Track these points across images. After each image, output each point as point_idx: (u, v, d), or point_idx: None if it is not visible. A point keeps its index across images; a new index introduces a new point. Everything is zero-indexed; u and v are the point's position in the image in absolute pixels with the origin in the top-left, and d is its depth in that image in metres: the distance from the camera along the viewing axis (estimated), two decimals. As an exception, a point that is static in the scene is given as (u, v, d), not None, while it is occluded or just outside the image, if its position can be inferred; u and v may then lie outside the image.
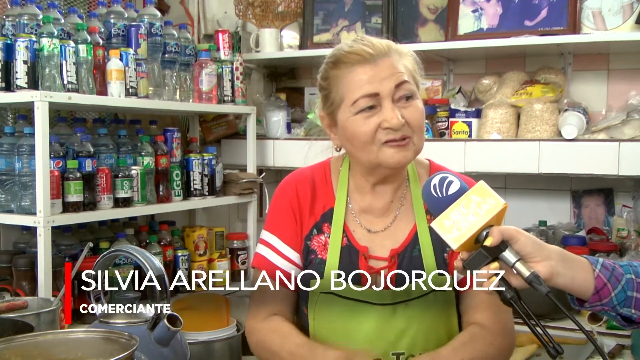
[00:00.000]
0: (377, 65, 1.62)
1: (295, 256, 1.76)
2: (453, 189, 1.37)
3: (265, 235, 1.79)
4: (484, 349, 1.63)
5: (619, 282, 1.44)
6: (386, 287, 1.67)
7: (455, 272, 1.69)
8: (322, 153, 1.89)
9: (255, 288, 1.77)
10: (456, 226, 1.33)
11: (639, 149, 2.63)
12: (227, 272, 3.13)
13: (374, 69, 1.62)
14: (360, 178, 1.76)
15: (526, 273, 1.31)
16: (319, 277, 1.70)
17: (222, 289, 3.05)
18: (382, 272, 1.69)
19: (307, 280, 1.72)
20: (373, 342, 1.65)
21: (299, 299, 1.76)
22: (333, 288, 1.67)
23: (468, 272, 1.35)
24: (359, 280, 1.68)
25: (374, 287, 1.68)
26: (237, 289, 3.12)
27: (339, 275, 1.68)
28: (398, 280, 1.67)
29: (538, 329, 1.32)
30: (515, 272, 1.33)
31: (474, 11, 3.04)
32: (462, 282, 1.70)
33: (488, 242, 1.31)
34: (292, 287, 1.73)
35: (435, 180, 1.39)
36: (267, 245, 1.78)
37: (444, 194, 1.37)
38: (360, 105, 1.62)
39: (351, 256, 1.71)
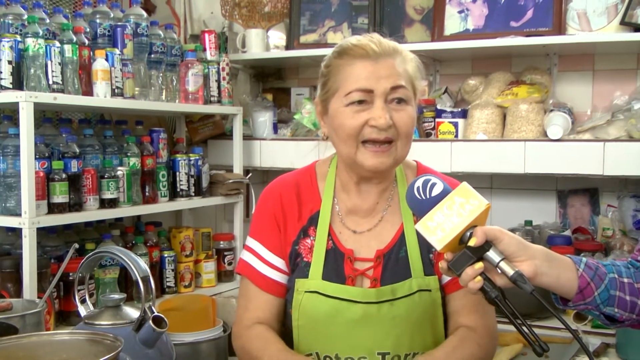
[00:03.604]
0: (377, 63, 1.63)
1: (279, 262, 1.77)
2: (436, 191, 1.37)
3: (250, 242, 1.81)
4: (472, 352, 1.66)
5: (602, 282, 1.45)
6: (372, 286, 1.68)
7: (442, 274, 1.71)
8: (309, 154, 1.89)
9: (241, 294, 1.81)
10: (440, 227, 1.33)
11: (623, 149, 2.64)
12: (214, 273, 3.13)
13: (375, 66, 1.63)
14: (345, 175, 1.76)
15: (510, 272, 1.32)
16: (304, 279, 1.70)
17: (208, 289, 3.07)
18: (368, 273, 1.70)
19: (292, 281, 1.73)
20: (358, 340, 1.66)
21: (285, 302, 1.77)
22: (317, 288, 1.68)
23: (452, 272, 1.36)
24: (343, 280, 1.69)
25: (359, 287, 1.68)
26: (224, 289, 3.13)
27: (323, 276, 1.69)
28: (384, 281, 1.68)
29: (524, 327, 1.32)
30: (499, 271, 1.34)
31: (460, 12, 3.05)
32: (447, 286, 1.71)
33: (472, 243, 1.32)
34: (277, 292, 1.76)
35: (419, 183, 1.40)
36: (251, 252, 1.79)
37: (428, 196, 1.37)
38: (353, 97, 1.63)
39: (336, 259, 1.71)
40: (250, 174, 3.30)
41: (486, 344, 1.69)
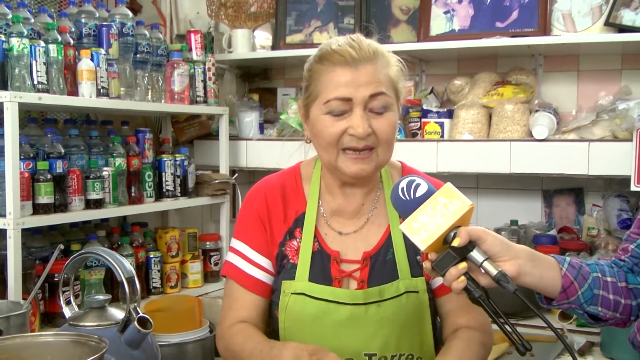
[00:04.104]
0: (357, 70, 1.60)
1: (266, 263, 1.75)
2: (420, 192, 1.38)
3: (235, 243, 1.79)
4: (479, 352, 1.66)
5: (586, 281, 1.46)
6: (359, 288, 1.68)
7: (431, 278, 1.71)
8: (295, 154, 1.88)
9: (226, 296, 1.79)
10: (424, 228, 1.34)
11: (608, 149, 2.66)
12: (200, 274, 3.13)
13: (354, 73, 1.60)
14: (329, 177, 1.75)
15: (494, 272, 1.32)
16: (291, 280, 1.70)
17: (194, 290, 3.06)
18: (355, 275, 1.69)
19: (279, 283, 1.72)
20: (344, 342, 1.65)
21: (271, 304, 1.76)
22: (304, 290, 1.68)
23: (436, 272, 1.36)
24: (330, 282, 1.68)
25: (345, 288, 1.68)
26: (210, 290, 3.13)
27: (310, 278, 1.69)
28: (371, 282, 1.68)
29: (507, 326, 1.33)
30: (483, 271, 1.34)
31: (445, 12, 3.06)
32: (440, 289, 1.71)
33: (456, 243, 1.33)
34: (262, 293, 1.75)
35: (403, 184, 1.40)
36: (236, 254, 1.77)
37: (412, 197, 1.38)
38: (332, 106, 1.61)
39: (323, 260, 1.71)
40: (236, 174, 3.30)
41: (488, 342, 1.71)
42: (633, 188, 2.58)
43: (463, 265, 1.34)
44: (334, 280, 1.68)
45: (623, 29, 2.71)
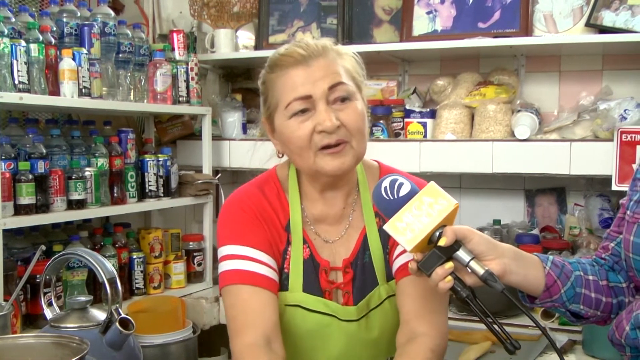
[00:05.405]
0: (310, 67, 1.57)
1: (273, 263, 1.64)
2: (404, 191, 1.37)
3: (233, 249, 1.63)
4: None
5: (568, 279, 1.47)
6: (345, 298, 1.66)
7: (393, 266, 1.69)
8: (273, 157, 1.83)
9: (232, 306, 1.61)
10: (409, 228, 1.33)
11: (589, 148, 2.68)
12: (183, 274, 3.12)
13: (307, 70, 1.57)
14: (308, 185, 1.70)
15: (480, 271, 1.33)
16: (284, 291, 1.65)
17: (177, 290, 3.05)
18: (341, 285, 1.67)
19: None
20: (338, 352, 1.65)
21: None
22: (299, 301, 1.64)
23: (422, 273, 1.36)
24: (322, 293, 1.65)
25: (336, 302, 1.66)
26: (193, 290, 3.12)
27: (304, 288, 1.65)
28: (355, 291, 1.66)
29: (495, 326, 1.33)
30: (469, 270, 1.34)
31: (428, 13, 3.07)
32: (398, 273, 1.64)
33: (442, 242, 1.32)
34: (275, 290, 1.63)
35: (386, 183, 1.39)
36: (239, 258, 1.62)
37: (395, 196, 1.37)
38: (294, 108, 1.57)
39: (315, 269, 1.66)
40: (219, 175, 3.29)
41: (439, 346, 1.59)
42: (614, 187, 2.59)
43: (449, 265, 1.33)
44: (324, 292, 1.66)
45: (604, 29, 2.73)
